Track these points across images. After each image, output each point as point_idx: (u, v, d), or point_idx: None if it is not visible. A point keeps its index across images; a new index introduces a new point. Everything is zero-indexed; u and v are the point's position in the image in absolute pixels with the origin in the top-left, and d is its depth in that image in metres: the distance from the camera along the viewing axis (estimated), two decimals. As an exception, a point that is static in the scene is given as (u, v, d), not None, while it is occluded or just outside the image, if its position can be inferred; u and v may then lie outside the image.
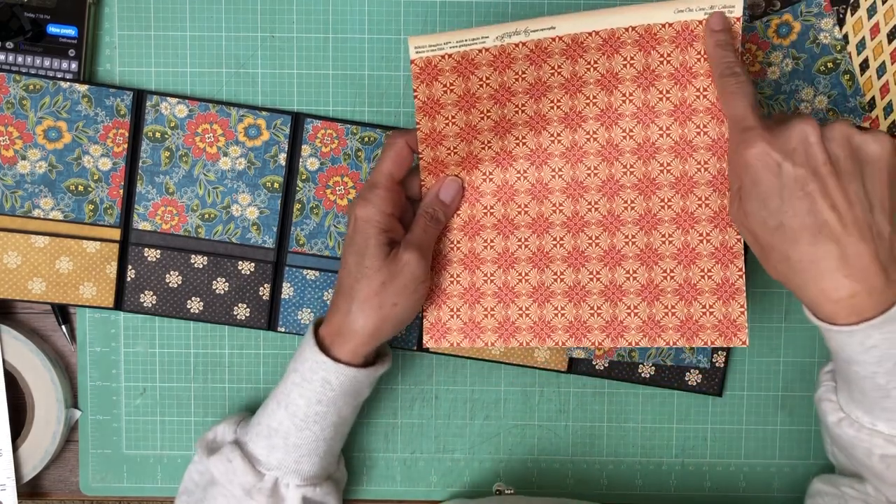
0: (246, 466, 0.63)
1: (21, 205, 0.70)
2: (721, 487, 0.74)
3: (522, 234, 0.65)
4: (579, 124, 0.63)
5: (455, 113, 0.63)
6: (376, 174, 0.63)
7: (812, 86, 0.69)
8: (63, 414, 0.71)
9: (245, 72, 0.71)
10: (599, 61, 0.62)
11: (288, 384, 0.64)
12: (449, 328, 0.66)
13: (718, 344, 0.64)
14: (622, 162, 0.63)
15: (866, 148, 0.56)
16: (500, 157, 0.64)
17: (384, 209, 0.62)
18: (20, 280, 0.70)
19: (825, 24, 0.69)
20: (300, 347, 0.64)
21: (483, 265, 0.65)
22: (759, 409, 0.73)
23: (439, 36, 0.62)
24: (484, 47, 0.62)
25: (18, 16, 0.68)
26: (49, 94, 0.69)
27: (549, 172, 0.64)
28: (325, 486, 0.66)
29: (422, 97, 0.63)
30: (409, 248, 0.62)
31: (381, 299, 0.61)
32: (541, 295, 0.65)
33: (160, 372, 0.73)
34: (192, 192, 0.70)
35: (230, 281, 0.71)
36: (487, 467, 0.74)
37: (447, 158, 0.64)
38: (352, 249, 0.62)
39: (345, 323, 0.62)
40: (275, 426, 0.64)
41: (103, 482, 0.74)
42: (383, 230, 0.62)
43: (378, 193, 0.62)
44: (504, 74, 0.63)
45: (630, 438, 0.73)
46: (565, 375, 0.73)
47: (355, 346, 0.62)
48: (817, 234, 0.54)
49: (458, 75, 0.63)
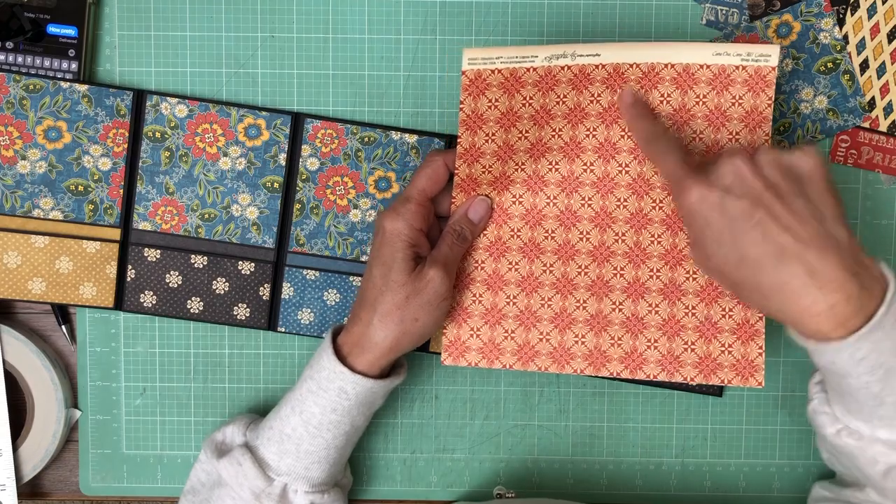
0: (256, 471, 0.63)
1: (21, 205, 0.70)
2: (721, 487, 0.74)
3: (548, 259, 0.65)
4: (612, 156, 0.64)
5: (496, 130, 0.64)
6: (410, 189, 0.63)
7: (812, 86, 0.69)
8: (63, 414, 0.71)
9: (245, 72, 0.71)
10: (637, 94, 0.63)
11: (303, 391, 0.64)
12: (468, 347, 0.66)
13: (735, 384, 0.64)
14: (651, 196, 0.64)
15: (798, 165, 0.57)
16: (532, 180, 0.65)
17: (414, 224, 0.62)
18: (20, 280, 0.70)
19: (825, 24, 0.69)
20: (317, 355, 0.64)
21: (506, 287, 0.66)
22: (759, 409, 0.73)
23: (492, 50, 0.63)
24: (532, 66, 0.63)
25: (18, 16, 0.68)
26: (49, 94, 0.69)
27: (578, 200, 0.65)
28: (332, 493, 0.66)
29: (467, 110, 0.64)
30: (434, 264, 0.62)
31: (403, 314, 0.62)
32: (562, 321, 0.65)
33: (160, 372, 0.73)
34: (192, 192, 0.70)
35: (230, 281, 0.71)
36: (487, 467, 0.74)
37: (481, 177, 0.65)
38: (378, 262, 0.62)
39: (365, 334, 0.62)
40: (287, 432, 0.64)
41: (103, 482, 0.74)
42: (411, 245, 0.62)
43: (409, 208, 0.62)
44: (547, 96, 0.63)
45: (630, 438, 0.73)
46: (565, 375, 0.73)
47: (374, 358, 0.62)
48: (780, 258, 0.54)
49: (504, 91, 0.64)
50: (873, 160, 0.71)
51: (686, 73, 0.63)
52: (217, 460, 0.65)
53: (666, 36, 0.70)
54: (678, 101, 0.63)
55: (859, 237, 0.71)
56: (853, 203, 0.71)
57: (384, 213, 0.63)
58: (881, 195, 0.71)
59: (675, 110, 0.63)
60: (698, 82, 0.63)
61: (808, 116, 0.70)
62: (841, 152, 0.70)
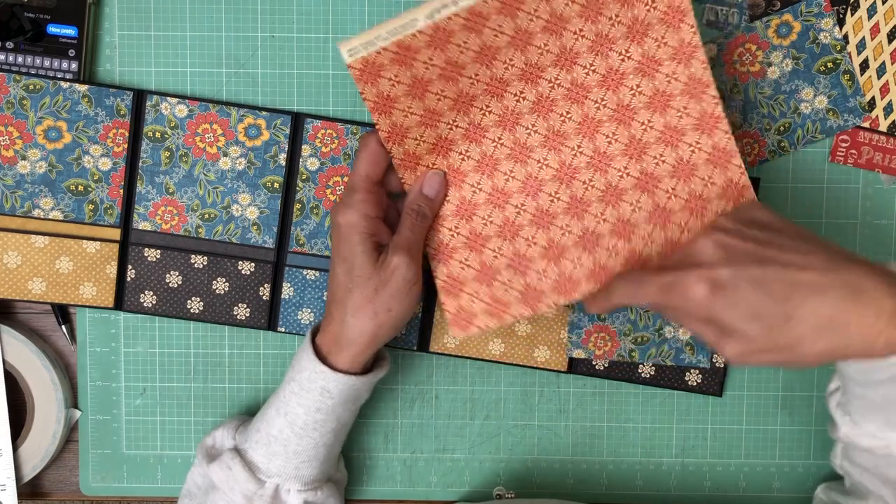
0: (246, 474, 0.63)
1: (21, 205, 0.70)
2: (721, 487, 0.74)
3: (517, 199, 0.64)
4: (539, 75, 0.62)
5: (410, 103, 0.62)
6: (353, 178, 0.62)
7: (812, 86, 0.69)
8: (63, 414, 0.71)
9: (245, 72, 0.71)
10: (540, 8, 0.60)
11: (287, 392, 0.63)
12: (473, 313, 0.65)
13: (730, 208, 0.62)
14: (592, 98, 0.62)
15: (759, 216, 0.56)
16: (471, 131, 0.63)
17: (367, 212, 0.61)
18: (20, 280, 0.70)
19: (825, 24, 0.69)
20: (297, 356, 0.64)
21: (488, 242, 0.65)
22: (759, 409, 0.73)
23: (368, 33, 0.59)
24: (417, 31, 0.59)
25: (18, 16, 0.68)
26: (49, 94, 0.69)
27: (523, 132, 0.63)
28: (325, 489, 0.66)
29: (370, 97, 0.61)
30: (397, 251, 0.61)
31: (374, 307, 0.61)
32: (554, 252, 0.64)
33: (160, 372, 0.73)
34: (192, 192, 0.70)
35: (230, 281, 0.71)
36: (487, 467, 0.74)
37: (418, 149, 0.63)
38: (339, 259, 0.61)
39: (341, 332, 0.62)
40: (274, 434, 0.64)
41: (103, 482, 0.74)
42: (369, 235, 0.61)
43: (358, 198, 0.61)
44: (446, 51, 0.60)
45: (630, 438, 0.73)
46: (565, 375, 0.73)
47: (353, 355, 0.62)
48: (817, 295, 0.52)
49: (399, 65, 0.60)
50: (873, 160, 0.71)
51: (599, 38, 0.61)
52: (208, 465, 0.65)
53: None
54: (603, 66, 0.62)
55: (859, 237, 0.71)
56: (853, 203, 0.71)
57: (335, 207, 0.62)
58: (881, 195, 0.71)
59: (604, 77, 0.62)
60: (615, 41, 0.61)
61: (808, 116, 0.70)
62: (841, 152, 0.70)
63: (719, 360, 0.71)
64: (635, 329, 0.70)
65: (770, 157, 0.70)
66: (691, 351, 0.71)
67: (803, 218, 0.71)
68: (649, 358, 0.71)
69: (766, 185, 0.71)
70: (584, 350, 0.71)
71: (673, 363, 0.71)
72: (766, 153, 0.70)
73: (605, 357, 0.71)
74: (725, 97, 0.70)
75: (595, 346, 0.71)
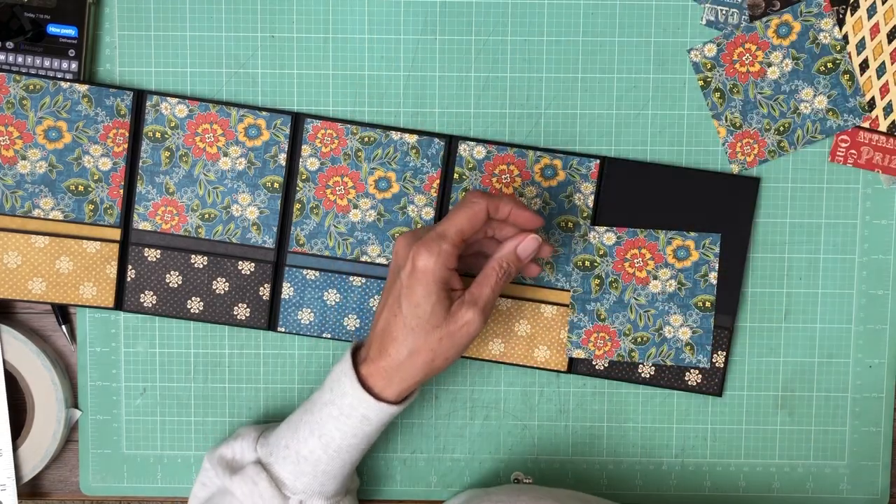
0: (273, 490, 0.63)
1: (21, 205, 0.70)
2: (721, 487, 0.74)
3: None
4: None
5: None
6: (448, 226, 0.60)
7: (812, 86, 0.69)
8: (63, 414, 0.71)
9: (245, 72, 0.71)
10: None
11: (324, 415, 0.63)
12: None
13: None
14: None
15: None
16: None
17: (448, 265, 0.59)
18: (20, 280, 0.70)
19: (825, 24, 0.69)
20: (337, 379, 0.63)
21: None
22: (759, 409, 0.73)
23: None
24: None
25: (18, 16, 0.68)
26: (49, 94, 0.69)
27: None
28: (345, 501, 0.67)
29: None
30: (473, 307, 0.60)
31: (434, 354, 0.60)
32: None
33: (160, 372, 0.73)
34: (192, 192, 0.70)
35: (230, 281, 0.71)
36: (487, 467, 0.74)
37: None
38: (410, 300, 0.60)
39: (394, 370, 0.61)
40: (305, 454, 0.63)
41: (103, 482, 0.74)
42: (444, 284, 0.60)
43: (445, 248, 0.59)
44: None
45: (630, 438, 0.73)
46: (565, 375, 0.73)
47: (402, 390, 0.62)
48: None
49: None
50: (873, 160, 0.71)
51: None
52: (230, 477, 0.64)
53: (666, 36, 0.70)
54: None
55: (859, 237, 0.72)
56: (853, 203, 0.71)
57: (418, 246, 0.59)
58: (881, 195, 0.71)
59: None
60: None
61: (808, 116, 0.70)
62: (841, 152, 0.70)
63: (719, 361, 0.72)
64: (635, 329, 0.70)
65: (770, 157, 0.70)
66: (691, 351, 0.71)
67: (803, 218, 0.71)
68: (649, 358, 0.71)
69: (766, 185, 0.71)
70: (584, 350, 0.71)
71: (673, 363, 0.71)
72: (766, 153, 0.70)
73: (605, 357, 0.71)
74: (725, 97, 0.70)
75: (595, 346, 0.71)
